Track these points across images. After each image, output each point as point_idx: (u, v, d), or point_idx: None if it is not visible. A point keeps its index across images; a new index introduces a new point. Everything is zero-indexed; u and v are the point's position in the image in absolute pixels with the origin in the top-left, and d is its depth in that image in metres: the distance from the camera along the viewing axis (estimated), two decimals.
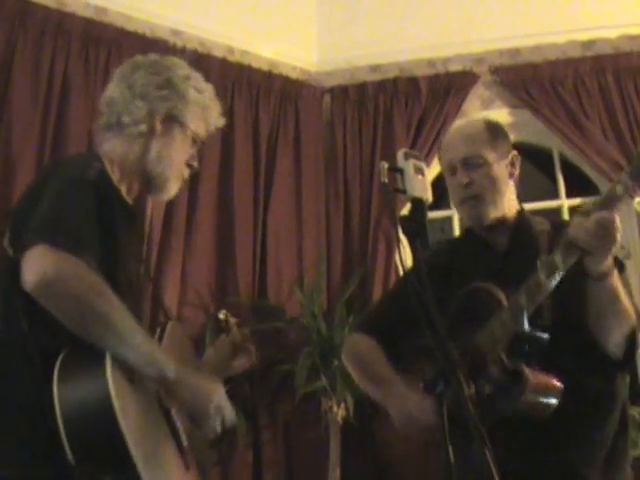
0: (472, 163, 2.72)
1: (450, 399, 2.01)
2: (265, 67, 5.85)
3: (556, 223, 2.78)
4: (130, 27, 5.28)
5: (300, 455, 5.15)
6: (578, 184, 5.77)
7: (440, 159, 2.89)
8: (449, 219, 5.83)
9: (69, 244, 1.99)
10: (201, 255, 5.27)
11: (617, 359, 2.50)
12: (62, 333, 2.01)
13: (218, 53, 5.62)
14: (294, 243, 5.58)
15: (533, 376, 2.36)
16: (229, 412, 2.27)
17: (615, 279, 2.40)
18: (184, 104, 2.49)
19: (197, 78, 2.57)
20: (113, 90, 2.51)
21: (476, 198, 2.70)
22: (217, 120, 2.62)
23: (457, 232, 5.77)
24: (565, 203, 5.72)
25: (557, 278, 2.37)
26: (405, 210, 2.02)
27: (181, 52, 5.17)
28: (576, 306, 2.46)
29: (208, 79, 2.65)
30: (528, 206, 5.81)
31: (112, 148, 2.45)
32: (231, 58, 5.69)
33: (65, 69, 4.94)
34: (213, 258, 5.34)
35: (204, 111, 2.55)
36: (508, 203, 2.75)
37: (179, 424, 2.23)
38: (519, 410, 2.33)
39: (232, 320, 2.79)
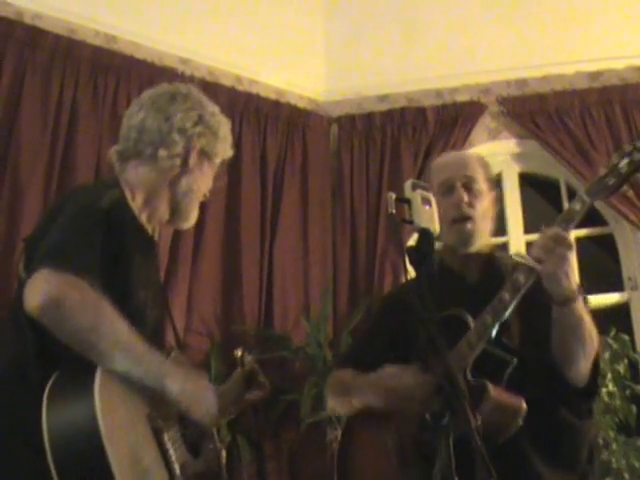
0: (471, 187, 2.76)
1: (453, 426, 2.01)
2: (273, 96, 5.87)
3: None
4: (139, 55, 5.31)
5: None
6: (585, 215, 5.75)
7: (429, 180, 2.82)
8: None
9: (73, 267, 2.02)
10: (207, 283, 5.26)
11: (580, 388, 2.53)
12: (65, 358, 2.02)
13: (226, 82, 5.65)
14: (300, 272, 5.57)
15: (495, 391, 2.39)
16: (215, 413, 2.29)
17: (580, 307, 2.46)
18: (216, 140, 2.58)
19: (218, 113, 2.63)
20: (146, 118, 2.53)
21: (470, 220, 2.72)
22: (230, 151, 2.70)
23: None
24: (572, 234, 5.68)
25: (519, 295, 2.45)
26: (412, 240, 2.03)
27: (189, 80, 5.19)
28: (542, 334, 2.51)
29: None
30: (535, 237, 5.85)
31: (137, 175, 2.48)
32: (239, 87, 5.72)
33: (74, 96, 4.95)
34: (219, 286, 5.33)
35: (225, 144, 2.63)
36: (486, 237, 2.81)
37: (172, 452, 2.22)
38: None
39: (248, 357, 2.84)
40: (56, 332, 2.00)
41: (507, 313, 2.45)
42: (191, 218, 2.60)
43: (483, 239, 2.79)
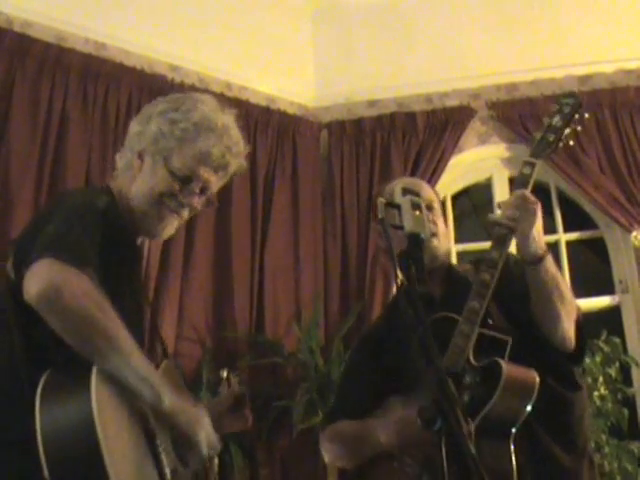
0: (433, 207, 2.85)
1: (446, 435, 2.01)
2: (263, 102, 5.87)
3: (475, 259, 2.88)
4: (129, 62, 5.31)
5: None
6: (575, 218, 5.77)
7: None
8: None
9: (74, 259, 2.00)
10: (198, 290, 5.25)
11: (569, 351, 2.59)
12: (56, 359, 2.02)
13: (216, 88, 5.63)
14: (291, 278, 5.57)
15: (509, 367, 2.42)
16: (215, 439, 2.30)
17: (552, 265, 2.55)
18: (150, 138, 2.48)
19: (182, 110, 2.52)
20: None
21: (435, 236, 2.77)
22: (209, 150, 2.57)
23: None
24: (563, 238, 5.70)
25: (497, 271, 2.51)
26: (403, 245, 2.02)
27: (179, 87, 5.19)
28: (520, 309, 2.59)
29: None
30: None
31: (123, 181, 2.50)
32: (229, 93, 5.70)
33: (63, 104, 4.95)
34: (210, 293, 5.32)
35: (181, 143, 2.48)
36: (447, 255, 2.92)
37: (164, 456, 2.20)
38: (501, 403, 2.36)
39: (234, 378, 2.81)
40: (53, 322, 1.97)
41: (490, 292, 2.49)
42: (149, 224, 2.47)
43: (445, 256, 2.87)
